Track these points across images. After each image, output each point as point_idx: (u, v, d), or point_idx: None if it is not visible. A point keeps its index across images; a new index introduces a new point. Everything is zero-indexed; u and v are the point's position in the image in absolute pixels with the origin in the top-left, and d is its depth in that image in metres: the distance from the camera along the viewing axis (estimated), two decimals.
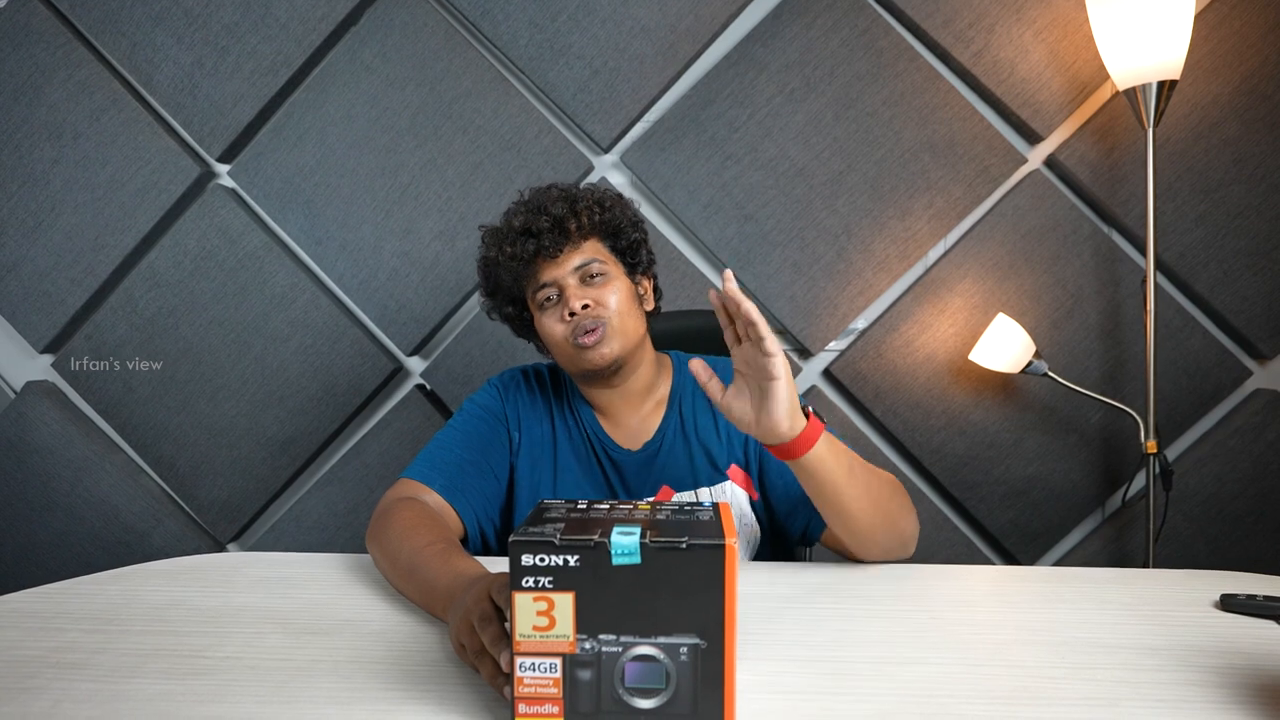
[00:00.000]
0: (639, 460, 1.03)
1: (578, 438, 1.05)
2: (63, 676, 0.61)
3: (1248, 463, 1.64)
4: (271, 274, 1.71)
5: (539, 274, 0.99)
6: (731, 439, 1.05)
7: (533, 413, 1.07)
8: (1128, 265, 1.64)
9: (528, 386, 1.09)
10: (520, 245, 0.97)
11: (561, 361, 1.02)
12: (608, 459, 1.04)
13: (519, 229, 0.98)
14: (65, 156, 1.70)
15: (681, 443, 1.04)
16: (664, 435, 1.04)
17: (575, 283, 0.98)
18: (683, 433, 1.05)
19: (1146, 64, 1.41)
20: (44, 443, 1.74)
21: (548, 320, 0.99)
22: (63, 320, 1.74)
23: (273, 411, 1.74)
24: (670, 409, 1.06)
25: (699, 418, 1.06)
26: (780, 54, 1.65)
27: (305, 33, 1.67)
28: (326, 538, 1.76)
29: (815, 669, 0.62)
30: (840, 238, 1.67)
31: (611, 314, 0.98)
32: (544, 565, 0.49)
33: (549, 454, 1.05)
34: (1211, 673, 0.60)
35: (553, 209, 0.98)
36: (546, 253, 0.97)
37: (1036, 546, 1.70)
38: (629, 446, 1.04)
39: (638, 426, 1.05)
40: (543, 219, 0.97)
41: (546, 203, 0.99)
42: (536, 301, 1.01)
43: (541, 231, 0.96)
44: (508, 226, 1.00)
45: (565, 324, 0.97)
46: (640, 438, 1.04)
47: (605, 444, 1.04)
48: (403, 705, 0.56)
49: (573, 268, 0.98)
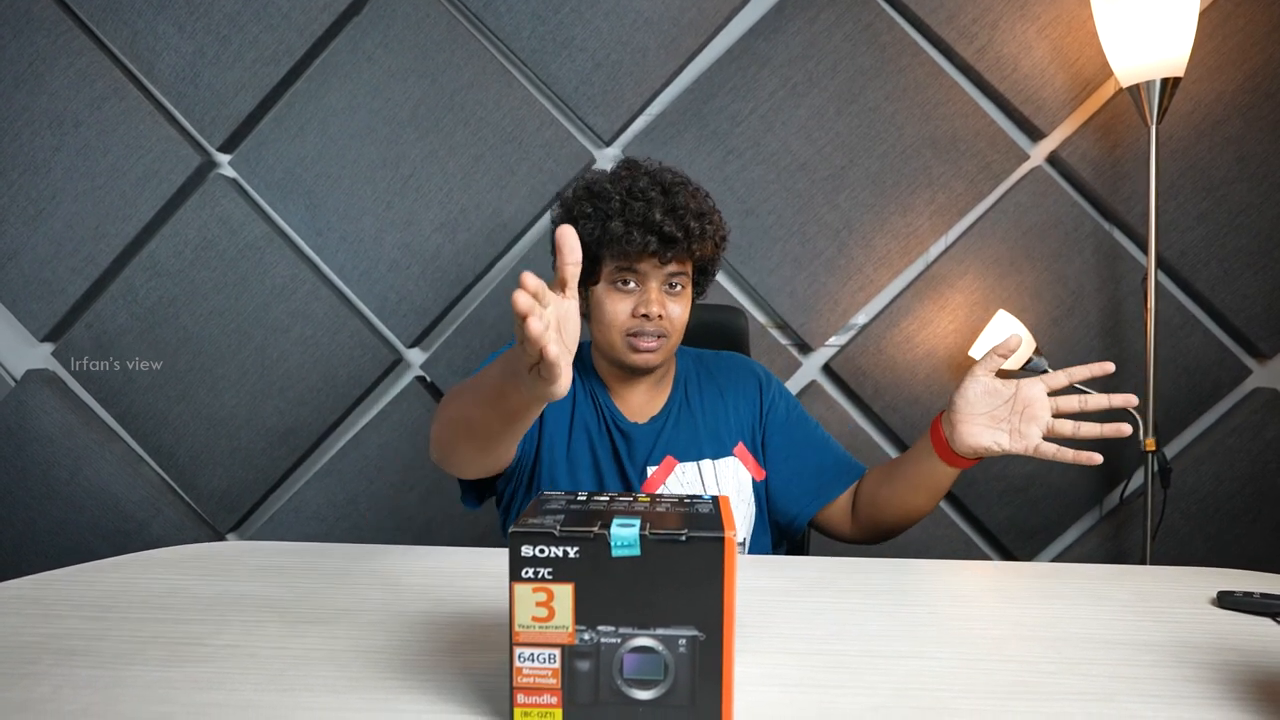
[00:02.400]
0: (646, 431, 1.07)
1: (591, 408, 1.08)
2: (63, 662, 0.61)
3: (1246, 461, 1.64)
4: (272, 264, 1.71)
5: (637, 262, 0.99)
6: (740, 422, 1.10)
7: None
8: (1129, 263, 1.64)
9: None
10: (645, 237, 0.96)
11: (602, 340, 1.04)
12: (617, 429, 1.07)
13: (652, 223, 0.96)
14: (66, 145, 1.70)
15: (687, 417, 1.09)
16: (670, 411, 1.09)
17: (658, 286, 1.00)
18: (688, 409, 1.10)
19: (1150, 61, 1.41)
20: (44, 431, 1.74)
21: (614, 301, 1.00)
22: (63, 309, 1.73)
23: (272, 402, 1.74)
24: (675, 390, 1.11)
25: (706, 398, 1.11)
26: (783, 48, 1.64)
27: (307, 23, 1.67)
28: (326, 528, 1.76)
29: (813, 662, 0.62)
30: (841, 233, 1.67)
31: (674, 329, 1.01)
32: (543, 557, 0.49)
33: (567, 417, 1.07)
34: (1208, 669, 0.60)
35: (690, 222, 0.97)
36: (659, 255, 0.98)
37: (1034, 543, 1.71)
38: (637, 420, 1.08)
39: (644, 403, 1.10)
40: (678, 228, 0.96)
41: (684, 211, 0.97)
42: (613, 278, 1.00)
43: (673, 240, 0.97)
44: (641, 212, 0.96)
45: (633, 319, 0.99)
46: (648, 412, 1.09)
47: (616, 416, 1.07)
48: (400, 694, 0.56)
49: (667, 273, 1.00)
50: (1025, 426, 0.88)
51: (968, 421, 0.90)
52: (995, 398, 0.89)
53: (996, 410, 0.89)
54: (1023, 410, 0.88)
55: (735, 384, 1.13)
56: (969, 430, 0.90)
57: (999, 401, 0.89)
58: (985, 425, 0.89)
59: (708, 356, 1.18)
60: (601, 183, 1.02)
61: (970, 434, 0.90)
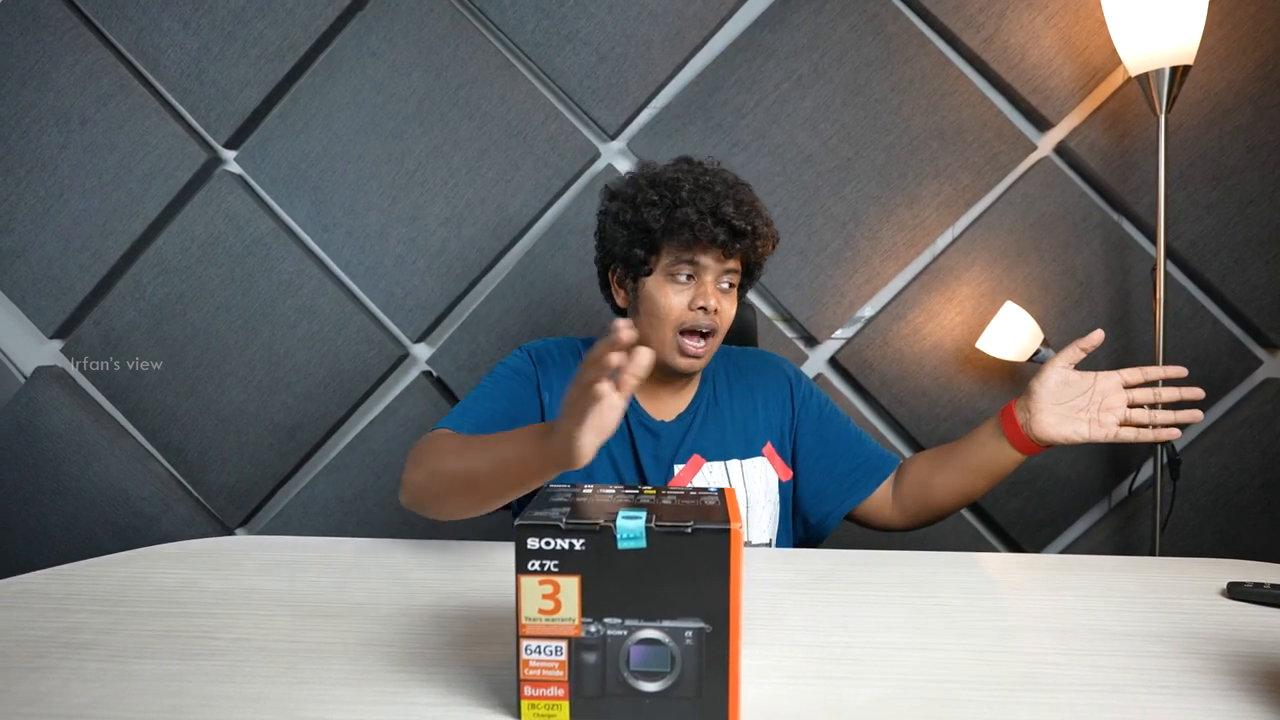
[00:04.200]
0: (673, 429, 1.06)
1: None
2: (73, 656, 0.61)
3: (1256, 453, 1.63)
4: (278, 260, 1.71)
5: (700, 254, 0.99)
6: (769, 422, 1.10)
7: (565, 377, 1.07)
8: (1137, 253, 1.63)
9: (561, 355, 1.09)
10: (716, 230, 0.96)
11: (652, 333, 1.01)
12: (643, 427, 1.06)
13: (724, 216, 0.96)
14: (73, 142, 1.70)
15: (715, 416, 1.08)
16: (697, 409, 1.08)
17: (714, 279, 1.00)
18: (716, 407, 1.09)
19: (1159, 49, 1.39)
20: (54, 428, 1.75)
21: (671, 294, 0.99)
22: (71, 306, 1.74)
23: (280, 397, 1.74)
24: (702, 388, 1.10)
25: (735, 396, 1.11)
26: (788, 40, 1.63)
27: (311, 18, 1.67)
28: (334, 523, 1.77)
29: (820, 654, 0.62)
30: (848, 225, 1.66)
31: (722, 327, 1.01)
32: (550, 549, 0.49)
33: None
34: (1217, 660, 0.60)
35: (756, 221, 0.98)
36: (723, 249, 0.98)
37: (1043, 535, 1.70)
38: (663, 418, 1.07)
39: (671, 401, 1.09)
40: (746, 224, 0.97)
41: (750, 211, 0.99)
42: (671, 270, 1.00)
43: (741, 234, 0.97)
44: (716, 205, 0.96)
45: (689, 312, 0.99)
46: (674, 410, 1.08)
47: (641, 414, 1.06)
48: (410, 687, 0.56)
49: (725, 269, 1.01)
50: (1104, 416, 0.92)
51: (1047, 411, 0.93)
52: (1073, 388, 0.94)
53: (1076, 400, 0.93)
54: (1100, 401, 0.92)
55: (766, 383, 1.12)
56: (1048, 420, 0.93)
57: (1077, 393, 0.93)
58: (1065, 415, 0.93)
59: (736, 353, 1.17)
60: (664, 173, 1.01)
61: (1050, 424, 0.93)
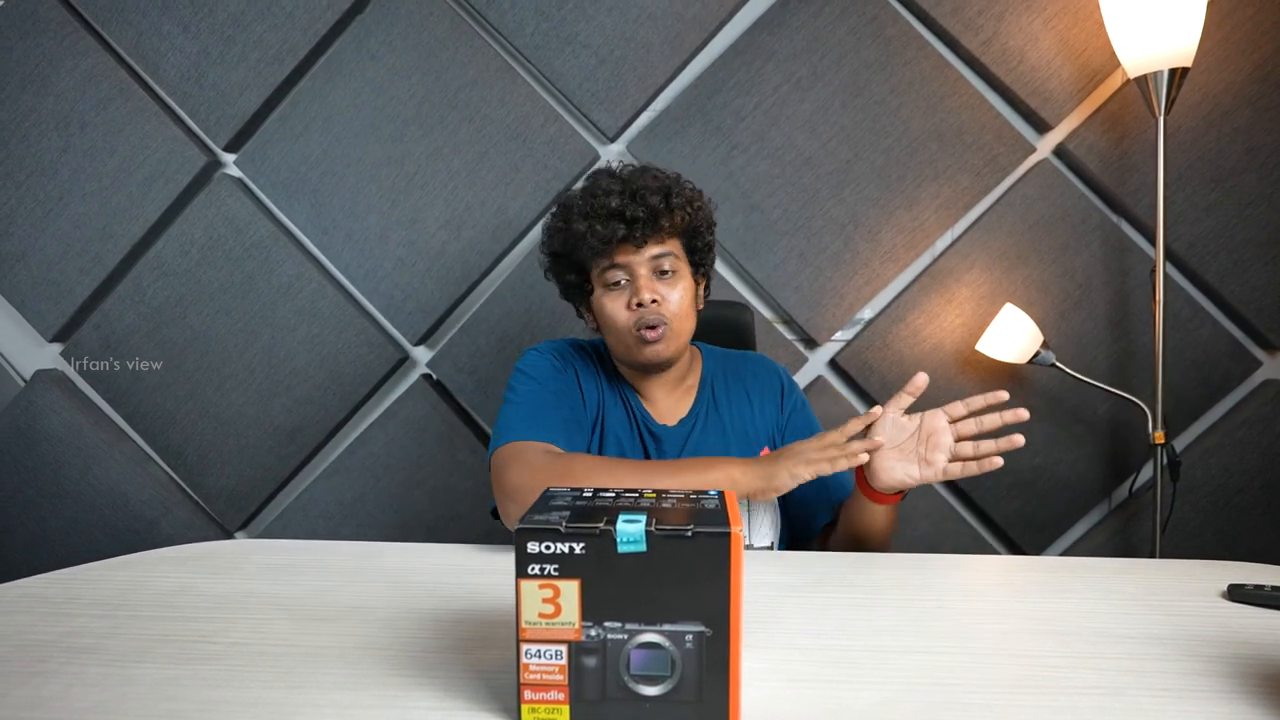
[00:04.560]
0: (676, 433, 1.08)
1: (622, 411, 1.08)
2: (73, 660, 0.61)
3: (1256, 454, 1.63)
4: (278, 263, 1.71)
5: (615, 255, 1.00)
6: (765, 425, 1.12)
7: (586, 378, 1.09)
8: (1137, 255, 1.63)
9: (577, 355, 1.11)
10: (610, 226, 0.97)
11: (616, 345, 1.04)
12: (648, 431, 1.07)
13: (613, 210, 0.97)
14: (73, 145, 1.71)
15: (716, 421, 1.10)
16: (698, 414, 1.10)
17: (647, 273, 1.00)
18: (716, 412, 1.10)
19: (1158, 51, 1.39)
20: (54, 431, 1.75)
21: (611, 302, 1.01)
22: (71, 309, 1.74)
23: (279, 401, 1.74)
24: (701, 391, 1.12)
25: (733, 400, 1.12)
26: (787, 42, 1.64)
27: (311, 21, 1.67)
28: (333, 526, 1.77)
29: (820, 657, 0.62)
30: (847, 227, 1.66)
31: (674, 314, 1.01)
32: (549, 553, 0.49)
33: (598, 421, 1.08)
34: (1218, 662, 0.60)
35: (650, 199, 0.98)
36: (632, 240, 0.98)
37: (1043, 537, 1.70)
38: (666, 422, 1.09)
39: (672, 406, 1.10)
40: (639, 208, 0.97)
41: (643, 190, 0.98)
42: (604, 280, 1.02)
43: (635, 220, 0.97)
44: (601, 205, 0.98)
45: (630, 312, 1.00)
46: (676, 415, 1.10)
47: (646, 418, 1.08)
48: (408, 691, 0.56)
49: (649, 257, 1.00)
50: (932, 454, 0.91)
51: (880, 458, 0.93)
52: (901, 432, 0.93)
53: (904, 443, 0.93)
54: (928, 439, 0.92)
55: (760, 386, 1.14)
56: (882, 466, 0.93)
57: (905, 435, 0.93)
58: (896, 459, 0.93)
59: (734, 357, 1.18)
60: (566, 197, 1.04)
61: (884, 469, 0.93)
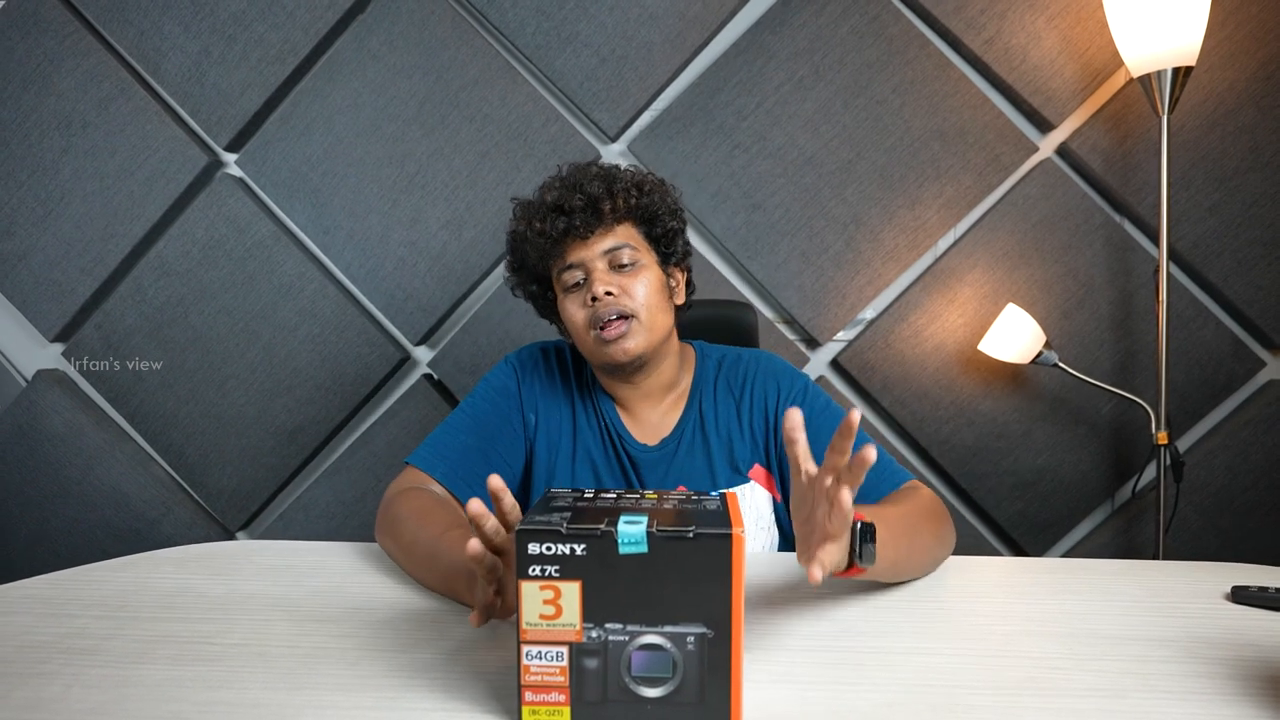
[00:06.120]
0: (656, 457, 1.00)
1: (596, 427, 1.02)
2: (74, 662, 0.61)
3: (1260, 454, 1.62)
4: (279, 263, 1.71)
5: (566, 254, 0.95)
6: (755, 438, 1.01)
7: (551, 395, 1.03)
8: (1140, 255, 1.63)
9: (546, 366, 1.05)
10: (550, 222, 0.93)
11: (583, 349, 0.98)
12: (625, 453, 1.01)
13: (551, 205, 0.94)
14: (74, 145, 1.71)
15: (700, 441, 1.01)
16: (682, 432, 1.01)
17: (603, 267, 0.94)
18: (702, 431, 1.01)
19: (1161, 50, 1.39)
20: (55, 431, 1.75)
21: (570, 304, 0.96)
22: (73, 309, 1.74)
23: (281, 400, 1.74)
24: (690, 404, 1.02)
25: (720, 414, 1.02)
26: (789, 41, 1.63)
27: (312, 21, 1.67)
28: (334, 526, 1.77)
29: (822, 659, 0.62)
30: (849, 227, 1.66)
31: (638, 306, 0.93)
32: (550, 554, 0.49)
33: (568, 440, 1.02)
34: (1221, 664, 0.60)
35: (588, 187, 0.93)
36: (577, 232, 0.93)
37: (1045, 538, 1.70)
38: (646, 442, 1.01)
39: (657, 421, 1.02)
40: (576, 197, 0.92)
41: (583, 180, 0.94)
42: (562, 283, 0.97)
43: (574, 210, 0.92)
44: (540, 201, 0.95)
45: (587, 309, 0.94)
46: (659, 433, 1.01)
47: (623, 437, 1.01)
48: (408, 692, 0.56)
49: (602, 250, 0.94)
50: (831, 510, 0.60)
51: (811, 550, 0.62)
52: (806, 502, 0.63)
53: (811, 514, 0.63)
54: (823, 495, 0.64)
55: (753, 396, 1.01)
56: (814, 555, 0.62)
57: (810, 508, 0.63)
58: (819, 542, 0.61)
59: (732, 359, 1.06)
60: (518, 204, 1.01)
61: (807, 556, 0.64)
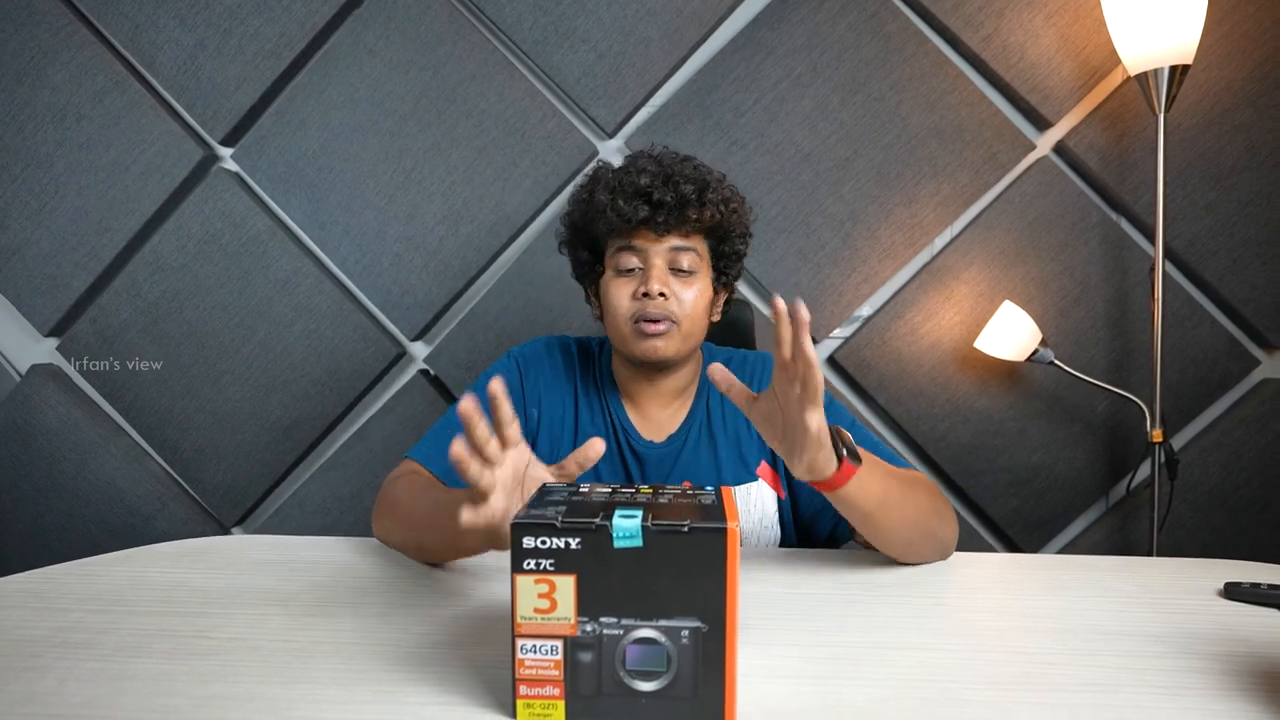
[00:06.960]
0: (662, 454, 1.00)
1: (601, 423, 1.01)
2: (67, 656, 0.61)
3: (1254, 453, 1.63)
4: (275, 258, 1.71)
5: (633, 238, 0.94)
6: (758, 444, 1.02)
7: (555, 390, 1.03)
8: (1136, 253, 1.63)
9: (551, 362, 1.04)
10: (634, 206, 0.91)
11: (613, 334, 0.97)
12: (630, 449, 1.00)
13: (640, 189, 0.92)
14: (68, 139, 1.70)
15: (707, 438, 1.01)
16: (689, 430, 1.01)
17: (662, 264, 0.93)
18: (709, 428, 1.01)
19: (1159, 48, 1.39)
20: (49, 426, 1.74)
21: (618, 287, 0.95)
22: (67, 304, 1.74)
23: (276, 396, 1.74)
24: (697, 402, 1.03)
25: (728, 412, 1.02)
26: (787, 38, 1.63)
27: (308, 15, 1.66)
28: (330, 522, 1.77)
29: (817, 653, 0.62)
30: (846, 224, 1.66)
31: (684, 314, 0.93)
32: (545, 548, 0.49)
33: (569, 435, 1.01)
34: (1214, 660, 0.60)
35: (683, 187, 0.91)
36: (655, 226, 0.92)
37: (1040, 535, 1.70)
38: (653, 438, 1.01)
39: (663, 419, 1.02)
40: (669, 193, 0.91)
41: (677, 175, 0.92)
42: (615, 263, 0.96)
43: (662, 204, 0.91)
44: (630, 180, 0.93)
45: (635, 301, 0.93)
46: (665, 430, 1.01)
47: (629, 433, 1.00)
48: (404, 686, 0.56)
49: (668, 248, 0.94)
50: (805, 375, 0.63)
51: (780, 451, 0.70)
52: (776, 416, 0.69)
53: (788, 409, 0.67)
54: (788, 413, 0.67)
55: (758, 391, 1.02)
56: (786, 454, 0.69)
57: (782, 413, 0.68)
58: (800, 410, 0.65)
59: (737, 361, 1.06)
60: (604, 168, 0.99)
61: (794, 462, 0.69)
